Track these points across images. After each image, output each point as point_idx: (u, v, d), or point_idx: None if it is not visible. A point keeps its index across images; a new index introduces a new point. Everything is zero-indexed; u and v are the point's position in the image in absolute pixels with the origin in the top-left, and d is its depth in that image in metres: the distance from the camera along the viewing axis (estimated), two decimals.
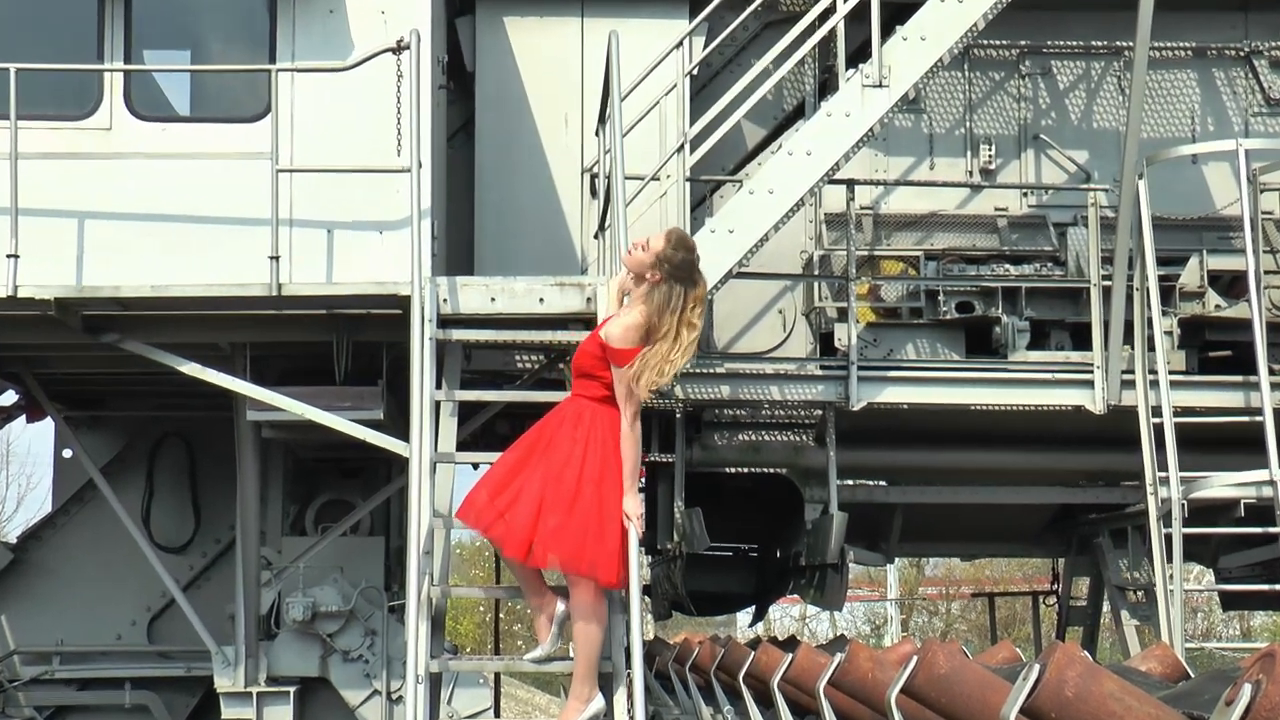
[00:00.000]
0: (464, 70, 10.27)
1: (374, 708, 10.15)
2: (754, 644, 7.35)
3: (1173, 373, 9.45)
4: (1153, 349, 9.33)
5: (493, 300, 8.01)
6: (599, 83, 9.11)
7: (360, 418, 8.67)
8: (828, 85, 10.15)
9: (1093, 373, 9.61)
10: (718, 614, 15.38)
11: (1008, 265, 10.29)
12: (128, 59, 8.65)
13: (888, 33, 8.73)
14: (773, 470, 10.36)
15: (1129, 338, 9.54)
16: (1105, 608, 11.46)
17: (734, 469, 10.40)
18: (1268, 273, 9.65)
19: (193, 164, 8.48)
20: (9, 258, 8.24)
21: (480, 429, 9.72)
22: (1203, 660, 18.12)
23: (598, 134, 9.25)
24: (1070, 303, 10.13)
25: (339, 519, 10.55)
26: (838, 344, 9.87)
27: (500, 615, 17.74)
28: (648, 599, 11.64)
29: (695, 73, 9.84)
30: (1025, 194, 10.69)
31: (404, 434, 7.78)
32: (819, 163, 8.62)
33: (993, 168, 10.66)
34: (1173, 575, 8.96)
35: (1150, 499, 9.23)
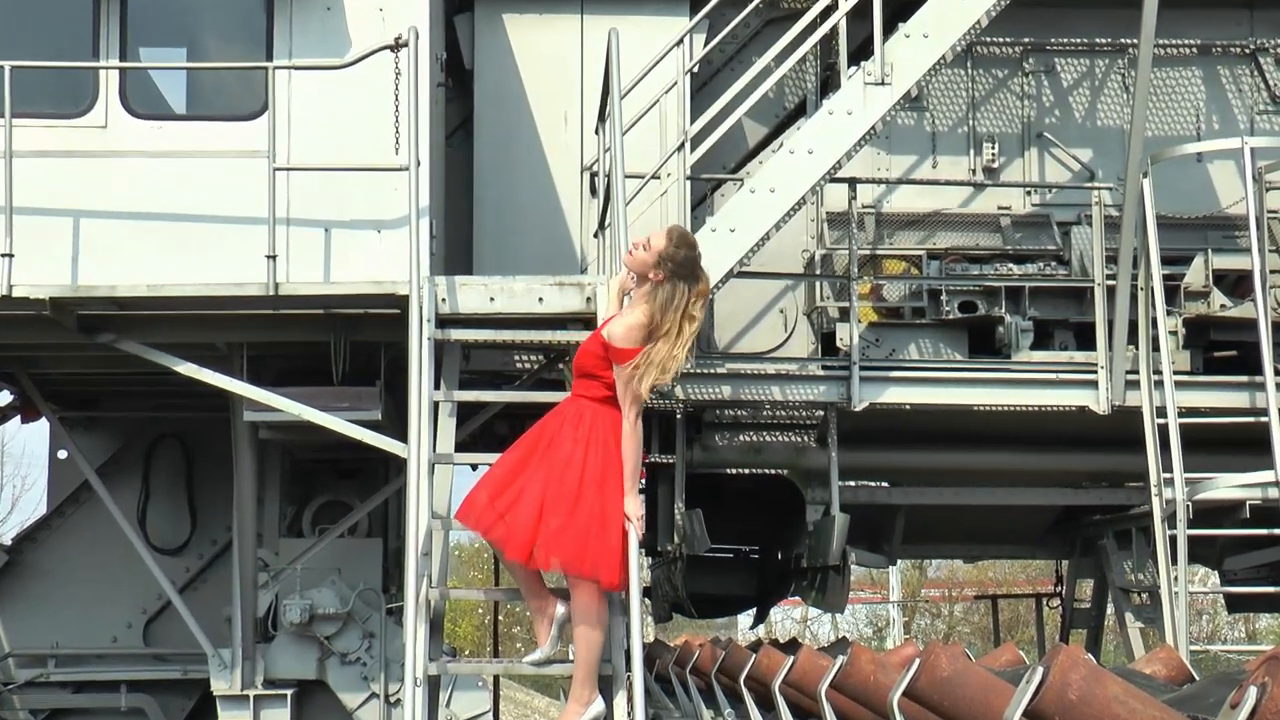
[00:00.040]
0: (462, 68, 10.25)
1: (372, 711, 10.11)
2: (755, 646, 7.33)
3: (1177, 373, 9.43)
4: (1157, 349, 9.32)
5: (491, 300, 8.00)
6: (599, 80, 9.11)
7: (358, 418, 8.65)
8: (829, 83, 10.11)
9: (1097, 373, 9.57)
10: (718, 616, 15.32)
11: (1011, 264, 10.26)
12: (123, 56, 8.63)
13: (890, 30, 8.70)
14: (774, 471, 10.34)
15: (1133, 338, 9.51)
16: (1109, 610, 11.43)
17: (735, 470, 10.38)
18: (1273, 272, 9.59)
19: (189, 162, 8.45)
20: (3, 257, 8.20)
21: (479, 430, 9.70)
22: (1208, 663, 18.09)
23: (597, 132, 9.24)
24: (1074, 302, 10.09)
25: (337, 520, 10.52)
26: (839, 344, 9.84)
27: (499, 617, 17.70)
28: (648, 601, 11.60)
29: (696, 70, 9.83)
30: (1029, 192, 10.67)
31: (402, 435, 7.75)
32: (821, 161, 8.61)
33: (996, 166, 10.63)
34: (1177, 577, 8.95)
35: (1155, 500, 9.21)
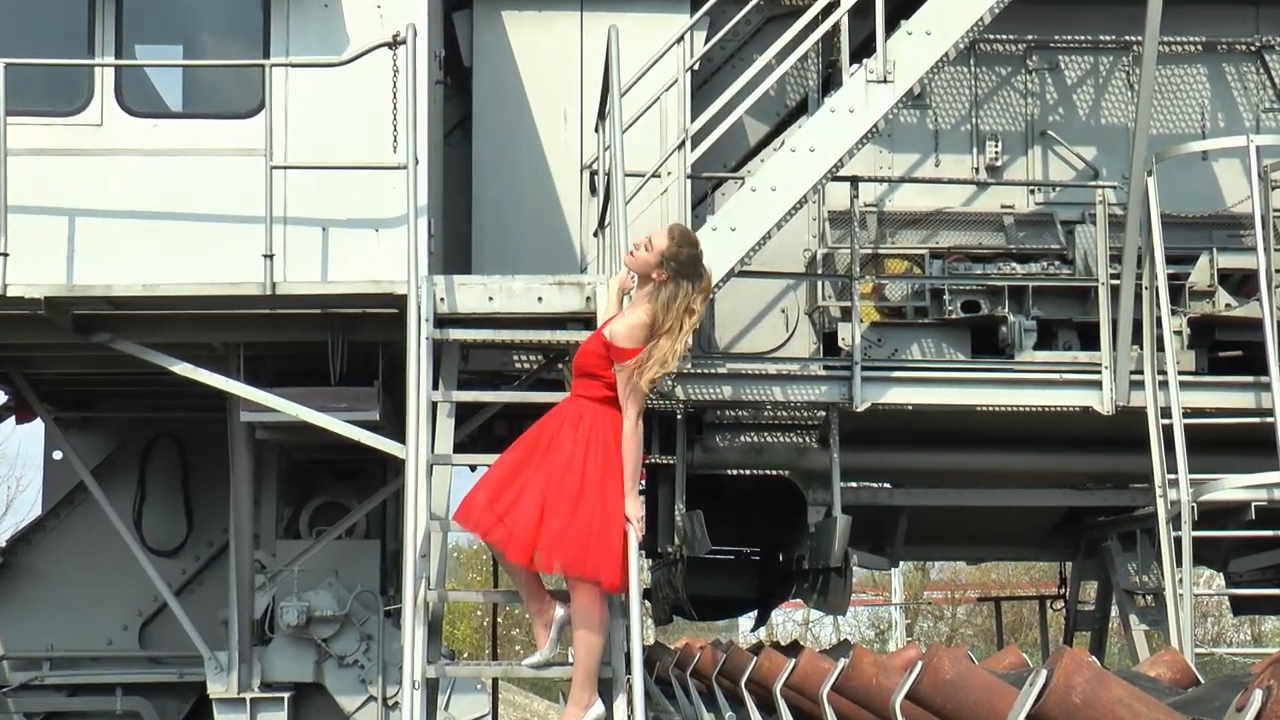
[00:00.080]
0: (461, 65, 10.24)
1: (370, 714, 10.10)
2: (756, 649, 7.29)
3: (1182, 373, 9.40)
4: (1162, 349, 9.29)
5: (490, 299, 7.98)
6: (598, 78, 9.09)
7: (356, 419, 8.63)
8: (831, 81, 10.09)
9: (1101, 373, 9.55)
10: (719, 618, 15.30)
11: (1014, 264, 10.24)
12: (119, 54, 8.60)
13: (892, 27, 8.69)
14: (775, 472, 10.32)
15: (1138, 337, 9.48)
16: (1114, 612, 11.40)
17: (736, 471, 10.35)
18: (1279, 271, 9.53)
19: (185, 161, 8.42)
20: None
21: (478, 430, 9.69)
22: (1213, 666, 18.08)
23: (597, 130, 9.22)
24: (1078, 302, 10.07)
25: (334, 522, 10.51)
26: (841, 344, 9.81)
27: (498, 620, 17.69)
28: (648, 603, 11.59)
29: (696, 68, 9.83)
30: (1032, 191, 10.65)
31: (400, 435, 7.73)
32: (822, 159, 8.60)
33: (999, 164, 10.62)
34: (1182, 579, 8.93)
35: (1159, 501, 9.19)
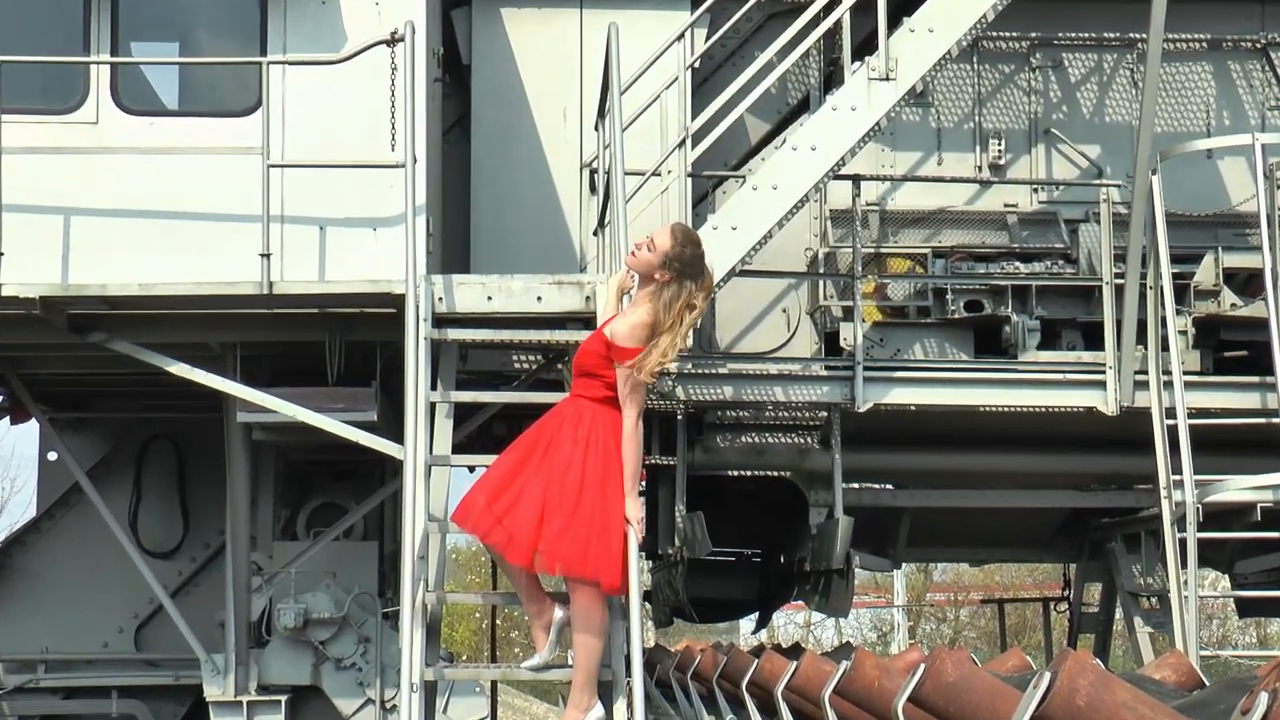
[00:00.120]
0: (460, 63, 10.23)
1: (368, 717, 10.08)
2: (757, 651, 7.26)
3: (1187, 373, 9.37)
4: (1166, 349, 9.25)
5: (489, 299, 7.97)
6: (598, 76, 9.07)
7: (353, 419, 8.62)
8: (833, 79, 10.06)
9: (1105, 373, 9.52)
10: (720, 620, 15.32)
11: (1018, 263, 10.24)
12: (114, 51, 8.58)
13: (894, 24, 8.67)
14: (777, 473, 10.30)
15: (1142, 337, 9.46)
16: (1118, 614, 11.38)
17: (737, 472, 10.33)
18: None
19: (181, 159, 8.40)
20: None
21: (477, 431, 9.67)
22: (1218, 668, 17.99)
23: (597, 128, 9.20)
24: (1082, 301, 10.07)
25: (331, 523, 10.49)
26: (843, 344, 9.80)
27: (497, 622, 17.62)
28: (648, 605, 11.58)
29: (697, 66, 9.81)
30: (1036, 190, 10.65)
31: (398, 436, 7.71)
32: (824, 158, 8.57)
33: (1002, 163, 10.61)
34: (1187, 581, 8.90)
35: (1164, 503, 9.15)
